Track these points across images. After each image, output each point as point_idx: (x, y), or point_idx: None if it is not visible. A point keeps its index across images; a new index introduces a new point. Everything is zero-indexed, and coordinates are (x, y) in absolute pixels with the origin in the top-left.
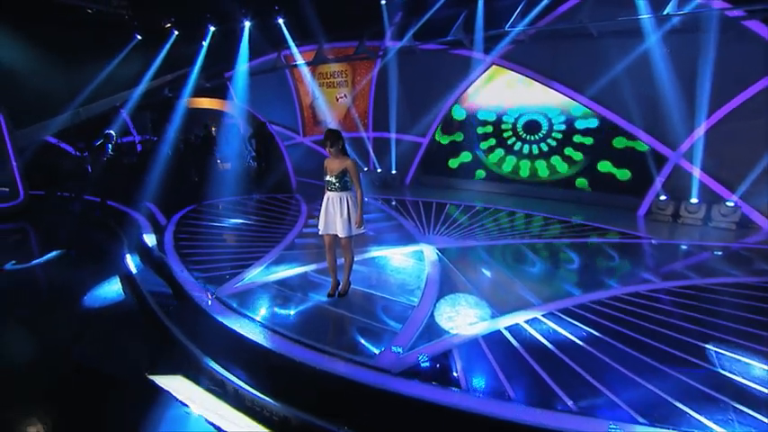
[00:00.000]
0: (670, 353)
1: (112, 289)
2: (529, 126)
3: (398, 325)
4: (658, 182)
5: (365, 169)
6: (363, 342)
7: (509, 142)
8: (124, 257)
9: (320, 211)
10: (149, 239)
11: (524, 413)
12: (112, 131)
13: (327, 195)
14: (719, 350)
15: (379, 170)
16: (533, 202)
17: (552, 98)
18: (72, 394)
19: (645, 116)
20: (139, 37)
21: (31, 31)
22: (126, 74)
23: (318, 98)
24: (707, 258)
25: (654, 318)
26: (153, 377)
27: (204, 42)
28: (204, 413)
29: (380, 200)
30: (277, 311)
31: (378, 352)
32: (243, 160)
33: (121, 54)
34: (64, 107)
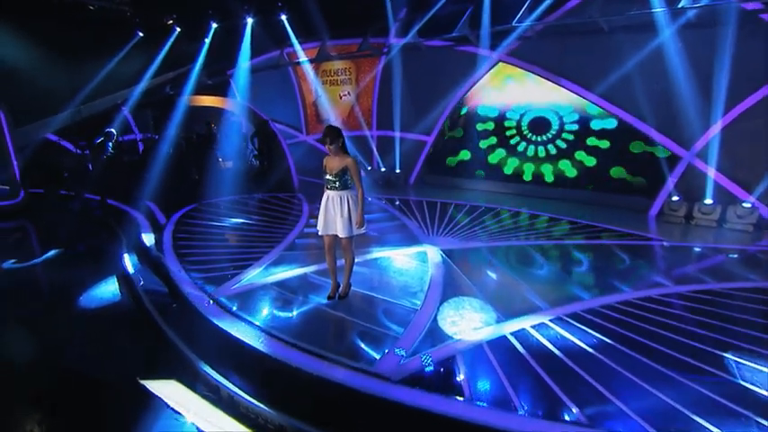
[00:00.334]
0: (685, 361)
1: (109, 289)
2: (536, 125)
3: (400, 329)
4: (671, 182)
5: (368, 168)
6: (363, 347)
7: (512, 142)
8: (122, 257)
9: (319, 211)
10: (148, 239)
11: (531, 424)
12: (113, 130)
13: (327, 194)
14: (740, 360)
15: (382, 169)
16: (539, 203)
17: (563, 95)
18: (59, 399)
19: (657, 114)
20: (141, 34)
21: (32, 28)
22: (127, 71)
23: (321, 96)
24: (722, 261)
25: (667, 324)
26: (145, 382)
27: (206, 39)
28: (197, 421)
29: (384, 199)
30: (275, 314)
31: (378, 357)
32: (245, 159)
33: (123, 51)
34: (65, 105)
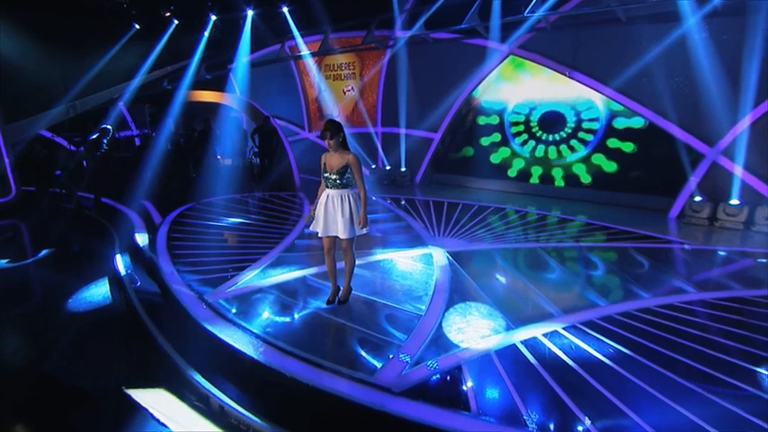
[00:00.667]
0: (710, 374)
1: (99, 291)
2: (547, 121)
3: (403, 336)
4: (693, 181)
5: (372, 167)
6: (364, 355)
7: (518, 140)
8: (114, 258)
9: (318, 211)
10: (141, 239)
11: None
12: (110, 126)
13: (327, 193)
14: None
15: (387, 167)
16: (550, 202)
17: (580, 89)
18: (37, 408)
19: (678, 109)
20: (138, 26)
21: (26, 21)
22: (124, 65)
23: (324, 91)
24: (750, 266)
25: (690, 333)
26: (130, 391)
27: (205, 32)
28: None
29: (389, 199)
30: (271, 319)
31: (379, 366)
32: (244, 156)
33: (119, 44)
34: (59, 100)
